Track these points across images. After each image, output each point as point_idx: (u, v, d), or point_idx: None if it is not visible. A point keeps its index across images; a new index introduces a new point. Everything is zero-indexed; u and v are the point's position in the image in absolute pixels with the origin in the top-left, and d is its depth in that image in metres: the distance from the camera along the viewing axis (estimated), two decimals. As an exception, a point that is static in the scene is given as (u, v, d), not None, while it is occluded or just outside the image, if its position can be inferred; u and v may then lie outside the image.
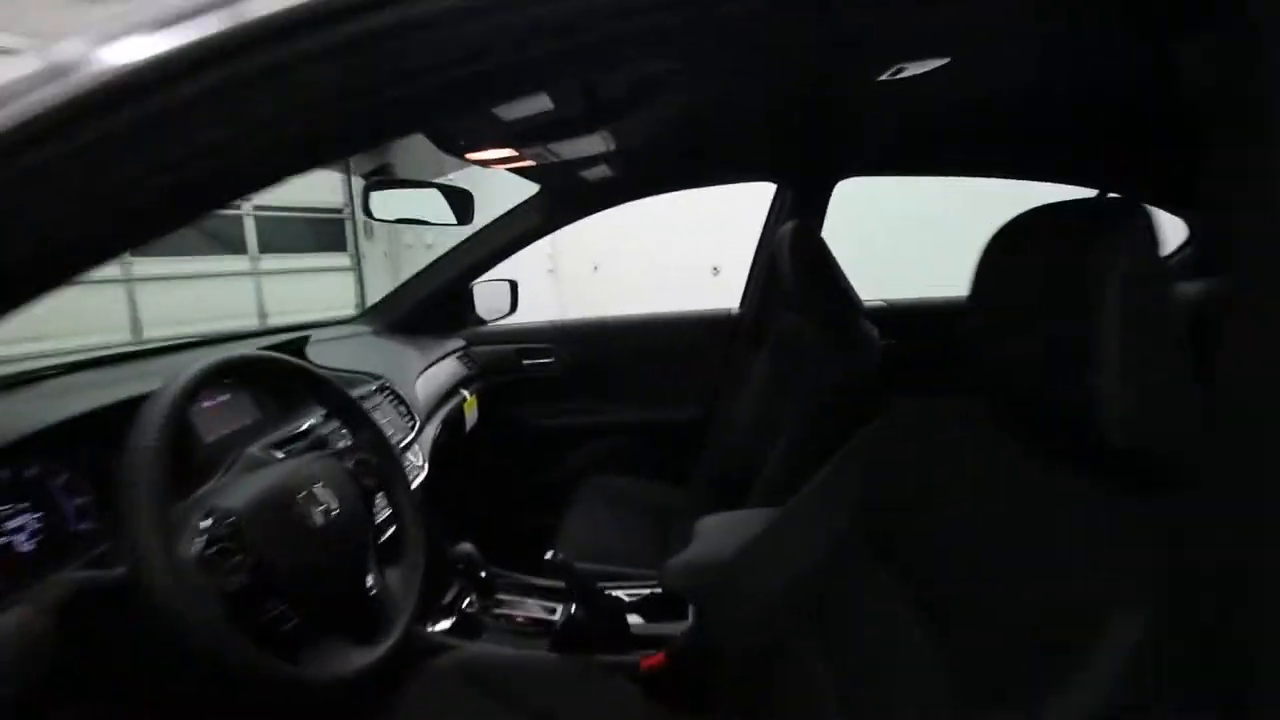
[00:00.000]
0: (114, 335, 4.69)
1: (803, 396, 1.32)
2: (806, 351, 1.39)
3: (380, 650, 0.74)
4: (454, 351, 1.88)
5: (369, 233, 6.82)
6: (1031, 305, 0.55)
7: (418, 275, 1.92)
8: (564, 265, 6.12)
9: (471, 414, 1.82)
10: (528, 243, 1.85)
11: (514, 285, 2.14)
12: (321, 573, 0.72)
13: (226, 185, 0.35)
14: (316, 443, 0.94)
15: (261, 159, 0.35)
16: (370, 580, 0.82)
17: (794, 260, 1.38)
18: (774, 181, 1.83)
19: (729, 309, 2.06)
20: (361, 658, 0.71)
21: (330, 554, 0.73)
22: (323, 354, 1.41)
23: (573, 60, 0.38)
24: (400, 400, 1.38)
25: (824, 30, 0.55)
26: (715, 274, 5.75)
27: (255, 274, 5.89)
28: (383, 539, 0.94)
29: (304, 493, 0.72)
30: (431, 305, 1.93)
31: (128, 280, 4.84)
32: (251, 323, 5.65)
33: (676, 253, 5.68)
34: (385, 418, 1.27)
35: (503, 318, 2.10)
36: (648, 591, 1.32)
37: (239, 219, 5.65)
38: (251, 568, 0.62)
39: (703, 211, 5.55)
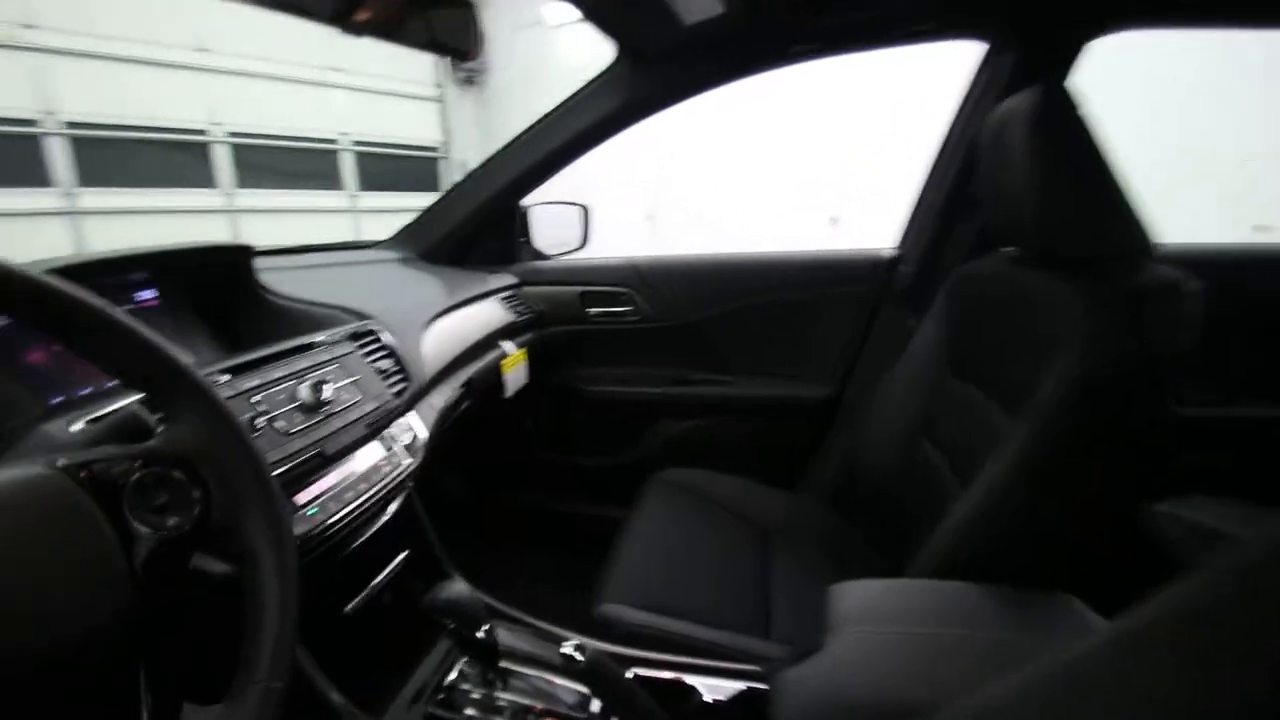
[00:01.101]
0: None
1: (1034, 395, 0.72)
2: (1047, 315, 0.78)
3: None
4: (498, 291, 1.42)
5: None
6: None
7: (458, 188, 1.46)
8: (664, 209, 5.55)
9: (515, 373, 1.37)
10: (602, 138, 1.33)
11: (585, 211, 1.65)
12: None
13: None
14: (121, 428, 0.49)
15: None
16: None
17: (1034, 159, 0.76)
18: (986, 38, 1.17)
19: (879, 250, 1.45)
20: None
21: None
22: (291, 280, 0.99)
23: None
24: (388, 352, 0.94)
25: None
26: (833, 224, 4.96)
27: (353, 211, 5.82)
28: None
29: None
30: (474, 229, 1.47)
31: (230, 211, 4.86)
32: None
33: (791, 199, 4.94)
34: (348, 378, 0.82)
35: (569, 252, 1.62)
36: (741, 686, 0.81)
37: (336, 155, 5.57)
38: None
39: (823, 151, 4.77)
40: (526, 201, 1.56)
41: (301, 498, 0.72)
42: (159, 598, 0.40)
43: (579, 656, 0.58)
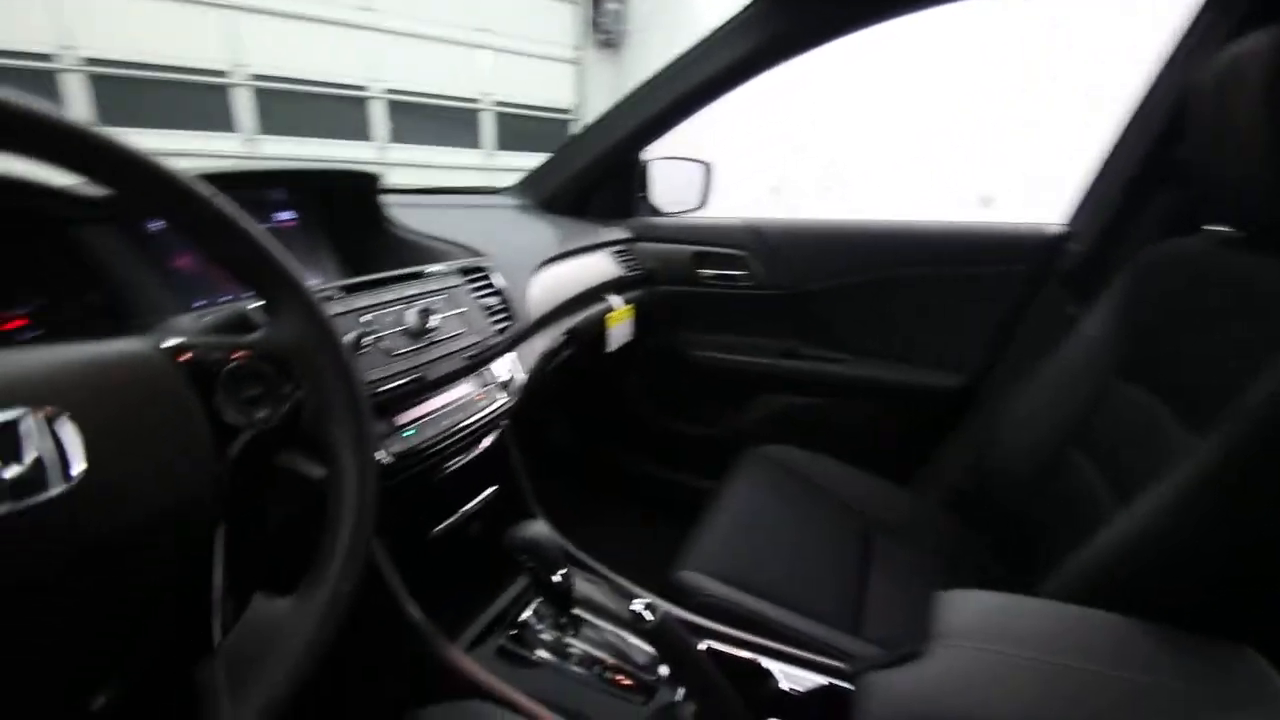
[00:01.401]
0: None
1: (1233, 405, 0.57)
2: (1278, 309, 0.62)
3: None
4: (611, 244, 1.40)
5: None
6: None
7: (579, 137, 1.44)
8: (792, 182, 5.29)
9: (620, 329, 1.34)
10: (735, 84, 1.24)
11: (708, 168, 1.58)
12: None
13: None
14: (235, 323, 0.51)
15: None
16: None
17: (1275, 114, 0.59)
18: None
19: (1043, 225, 1.26)
20: None
21: (18, 592, 0.29)
22: (415, 216, 1.02)
23: None
24: (495, 291, 0.94)
25: None
26: (985, 206, 4.47)
27: (488, 169, 6.08)
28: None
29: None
30: (592, 180, 1.45)
31: (381, 164, 5.24)
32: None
33: (936, 175, 4.50)
34: (454, 310, 0.83)
35: (686, 212, 1.56)
36: (822, 680, 0.74)
37: (475, 114, 5.81)
38: None
39: (973, 123, 4.27)
40: (648, 155, 1.52)
41: (400, 419, 0.73)
42: (242, 487, 0.41)
43: (648, 615, 0.55)
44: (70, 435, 0.32)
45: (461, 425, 0.80)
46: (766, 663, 0.77)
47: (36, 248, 0.57)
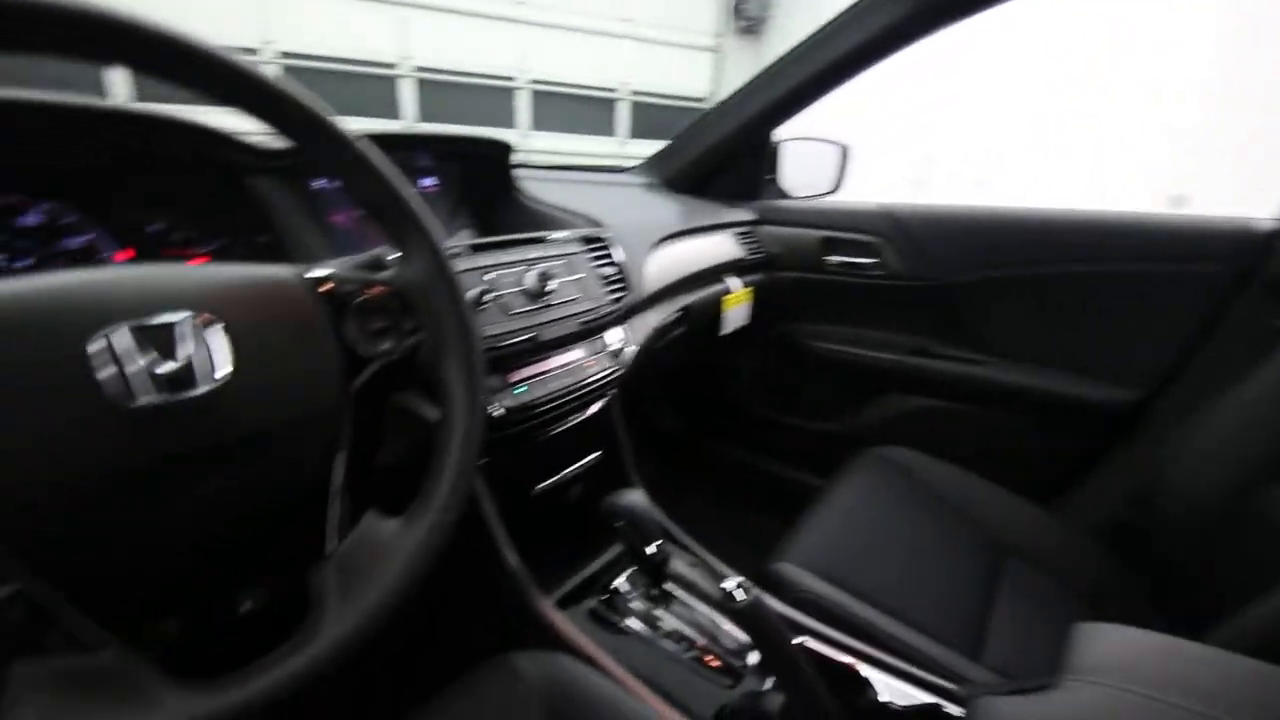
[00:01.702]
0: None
1: None
2: None
3: (266, 679, 0.34)
4: (733, 225, 1.37)
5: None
6: None
7: (707, 117, 1.42)
8: (938, 176, 4.88)
9: (735, 312, 1.31)
10: (870, 63, 1.17)
11: (844, 151, 1.49)
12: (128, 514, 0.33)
13: None
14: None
15: None
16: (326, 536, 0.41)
17: None
18: None
19: (1250, 221, 1.05)
20: (187, 705, 0.31)
21: (151, 476, 0.33)
22: (544, 188, 1.05)
23: None
24: (613, 261, 0.95)
25: None
26: (1177, 207, 3.85)
27: (620, 158, 6.22)
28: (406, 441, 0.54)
29: (128, 330, 0.32)
30: (718, 160, 1.42)
31: (524, 152, 5.53)
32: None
33: (1117, 171, 3.94)
34: (572, 276, 0.85)
35: (818, 196, 1.48)
36: (927, 699, 0.68)
37: (611, 103, 5.94)
38: None
39: (1166, 113, 3.66)
40: (780, 135, 1.46)
41: (513, 377, 0.76)
42: (363, 419, 0.44)
43: (740, 595, 0.52)
44: (220, 342, 0.36)
45: (571, 388, 0.82)
46: (865, 670, 0.71)
47: (221, 194, 0.65)
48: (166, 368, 0.33)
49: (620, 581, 0.83)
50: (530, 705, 0.54)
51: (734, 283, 1.30)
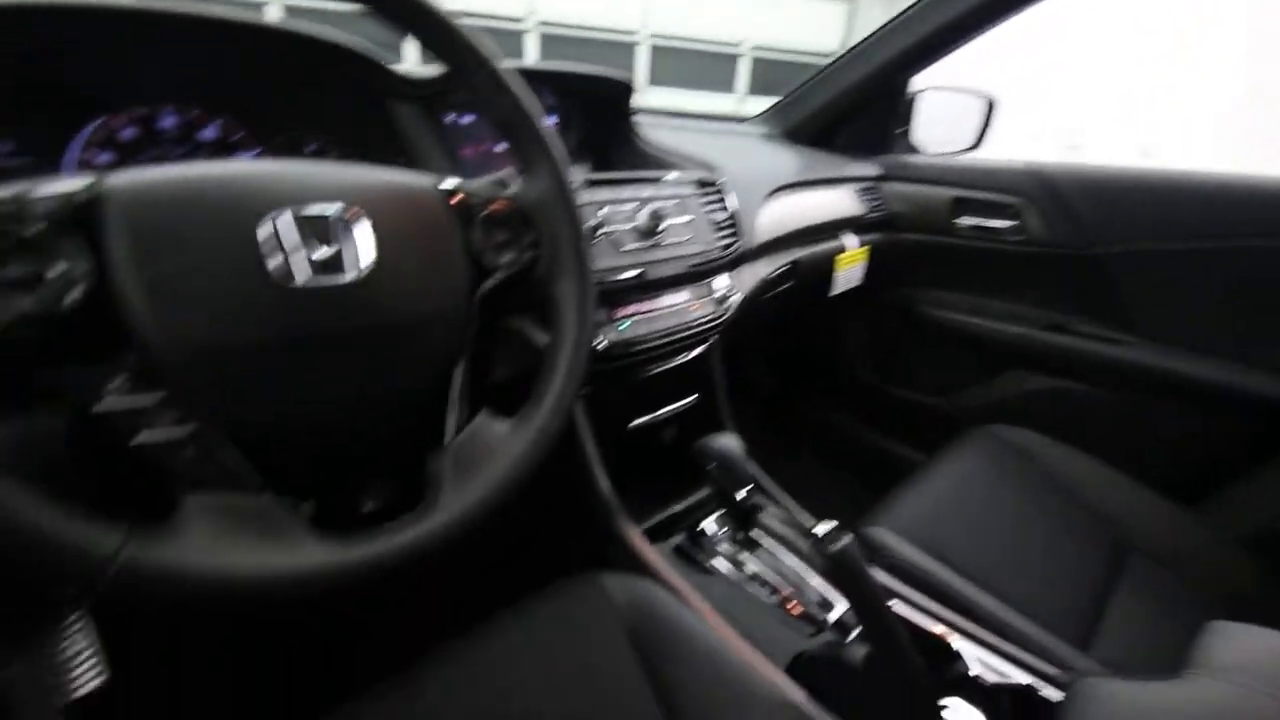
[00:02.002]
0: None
1: None
2: None
3: (388, 543, 0.38)
4: (855, 180, 1.29)
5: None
6: None
7: (834, 65, 1.33)
8: (1094, 144, 4.33)
9: (848, 272, 1.25)
10: (1022, 6, 1.04)
11: (990, 104, 1.36)
12: (290, 382, 0.37)
13: None
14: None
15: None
16: (447, 423, 0.45)
17: None
18: None
19: None
20: (324, 552, 0.36)
21: (303, 350, 0.37)
22: (661, 133, 1.05)
23: None
24: (725, 207, 0.93)
25: None
26: None
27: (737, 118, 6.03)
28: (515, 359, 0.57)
29: (293, 215, 0.36)
30: (843, 111, 1.34)
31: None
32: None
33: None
34: (684, 218, 0.84)
35: (955, 152, 1.37)
36: (1024, 679, 0.64)
37: (732, 59, 5.75)
38: (80, 302, 0.31)
39: None
40: (917, 85, 1.35)
41: (618, 312, 0.78)
42: (483, 324, 0.47)
43: (832, 539, 0.52)
44: (365, 236, 0.39)
45: (674, 329, 0.82)
46: (958, 642, 0.68)
47: (367, 119, 0.70)
48: (321, 253, 0.37)
49: (708, 523, 0.85)
50: (613, 622, 0.57)
51: (850, 240, 1.23)
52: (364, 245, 0.39)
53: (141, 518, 0.31)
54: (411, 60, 0.75)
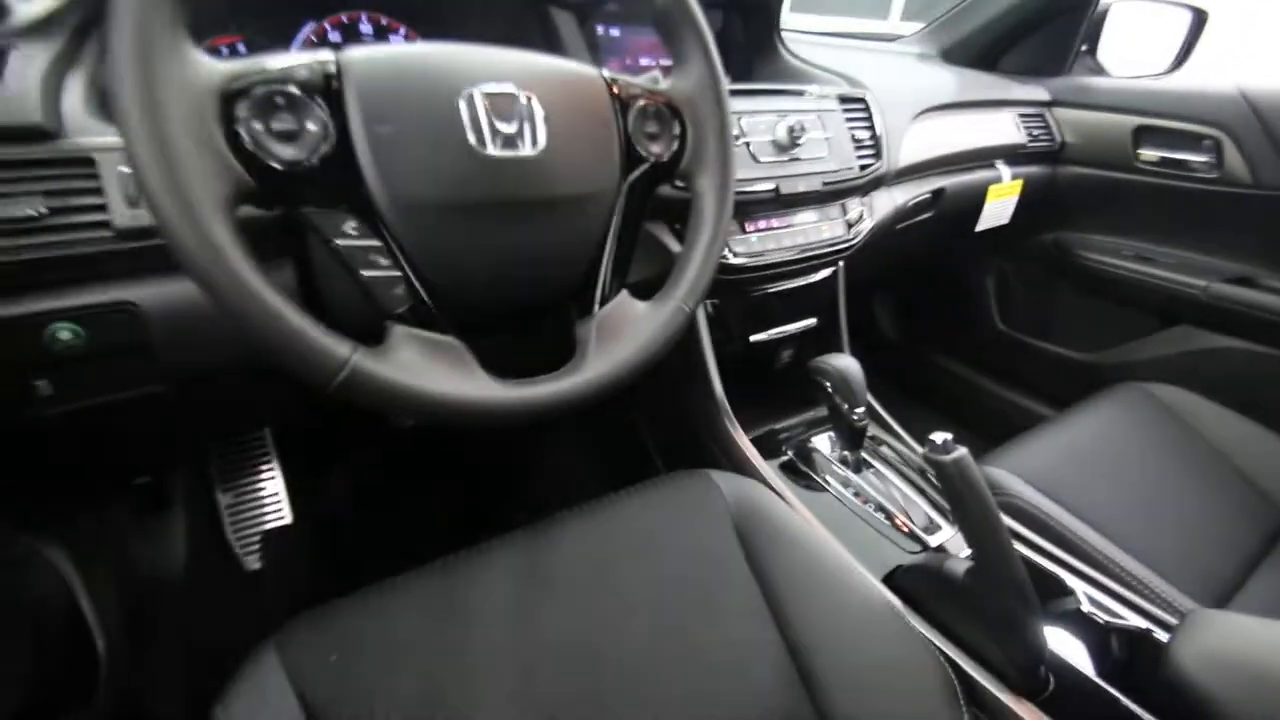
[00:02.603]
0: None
1: None
2: None
3: (544, 389, 0.45)
4: (1017, 104, 1.18)
5: None
6: None
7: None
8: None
9: (997, 206, 1.16)
10: None
11: (1200, 17, 1.17)
12: (475, 231, 0.43)
13: None
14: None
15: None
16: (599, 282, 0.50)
17: None
18: None
19: None
20: (496, 388, 0.43)
21: (489, 214, 0.43)
22: (810, 48, 1.02)
23: None
24: (869, 126, 0.90)
25: None
26: None
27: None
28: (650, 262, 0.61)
29: (484, 91, 0.41)
30: (1011, 27, 1.22)
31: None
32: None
33: None
34: (824, 134, 0.83)
35: (1150, 76, 1.20)
36: (1140, 624, 0.62)
37: (890, -24, 5.20)
38: (327, 155, 0.38)
39: None
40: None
41: (749, 226, 0.79)
42: (631, 205, 0.51)
43: (948, 450, 0.52)
44: (539, 115, 0.44)
45: (802, 248, 0.82)
46: (1072, 581, 0.67)
47: (528, 25, 0.75)
48: (505, 127, 0.42)
49: (818, 440, 0.87)
50: (722, 512, 0.61)
51: (1004, 171, 1.14)
52: (540, 125, 0.44)
53: (363, 337, 0.39)
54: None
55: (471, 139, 0.41)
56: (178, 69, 0.33)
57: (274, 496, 1.06)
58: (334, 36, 0.68)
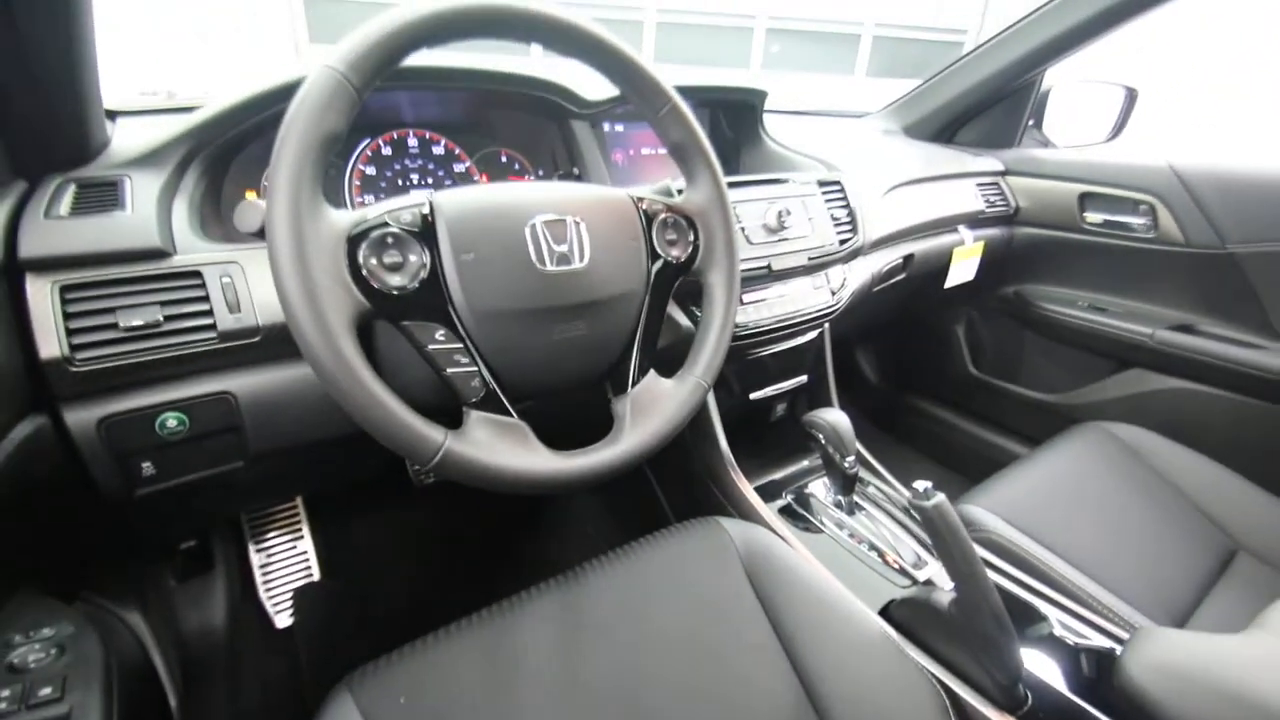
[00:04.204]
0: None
1: None
2: None
3: (593, 459, 0.53)
4: (976, 175, 1.32)
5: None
6: None
7: (961, 61, 1.36)
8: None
9: (963, 266, 1.29)
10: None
11: (1131, 95, 1.34)
12: (528, 328, 0.53)
13: None
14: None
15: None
16: (630, 370, 0.60)
17: None
18: None
19: None
20: (555, 461, 0.51)
21: (546, 317, 0.53)
22: (782, 130, 1.14)
23: None
24: (845, 204, 1.02)
25: None
26: None
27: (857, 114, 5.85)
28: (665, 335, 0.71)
29: (543, 220, 0.52)
30: (969, 106, 1.37)
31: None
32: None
33: None
34: (806, 215, 0.94)
35: (1089, 146, 1.36)
36: (1108, 645, 0.70)
37: (855, 39, 5.56)
38: (424, 279, 0.48)
39: None
40: (1053, 80, 1.35)
41: (745, 297, 0.90)
42: (655, 298, 0.61)
43: (929, 497, 0.61)
44: (585, 236, 0.54)
45: (791, 314, 0.93)
46: (1045, 608, 0.76)
47: (549, 134, 0.86)
48: (560, 248, 0.52)
49: (814, 486, 0.96)
50: (733, 556, 0.69)
51: (966, 234, 1.27)
52: (585, 243, 0.54)
53: (446, 424, 0.48)
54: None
55: (533, 259, 0.51)
56: (318, 224, 0.43)
57: (303, 555, 1.12)
58: (386, 150, 0.78)
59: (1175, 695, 0.51)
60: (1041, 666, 0.69)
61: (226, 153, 0.68)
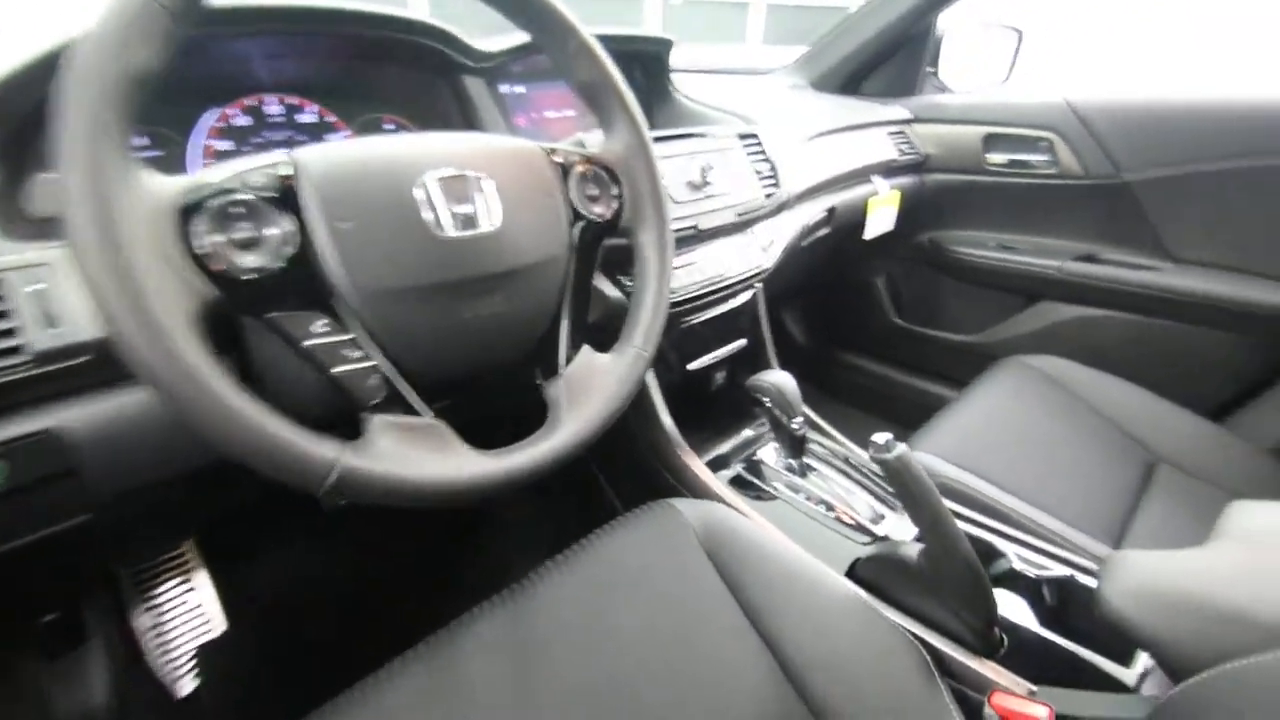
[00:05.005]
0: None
1: None
2: None
3: (527, 455, 0.46)
4: (885, 124, 1.32)
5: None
6: None
7: (861, 11, 1.34)
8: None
9: (879, 215, 1.29)
10: None
11: (1018, 36, 1.37)
12: (437, 311, 0.44)
13: None
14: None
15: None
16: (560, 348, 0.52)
17: None
18: None
19: None
20: (482, 462, 0.43)
21: (454, 293, 0.44)
22: (695, 87, 1.08)
23: None
24: (766, 157, 0.97)
25: None
26: None
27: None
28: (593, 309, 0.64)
29: (438, 176, 0.43)
30: (870, 55, 1.36)
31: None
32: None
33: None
34: (729, 170, 0.89)
35: (993, 89, 1.39)
36: (1063, 573, 0.71)
37: (744, 7, 5.59)
38: (291, 257, 0.38)
39: None
40: (945, 23, 1.36)
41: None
42: (580, 264, 0.53)
43: (890, 449, 0.58)
44: (493, 194, 0.46)
45: (721, 277, 0.88)
46: (1001, 544, 0.75)
47: (436, 93, 0.76)
48: (462, 209, 0.43)
49: (763, 453, 0.92)
50: (689, 539, 0.64)
51: (881, 184, 1.27)
52: (493, 202, 0.45)
53: (345, 434, 0.39)
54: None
55: (429, 223, 0.42)
56: (131, 192, 0.32)
57: (198, 609, 0.97)
58: (240, 121, 0.66)
59: (1160, 617, 0.50)
60: (1008, 604, 0.68)
61: (25, 128, 0.54)
